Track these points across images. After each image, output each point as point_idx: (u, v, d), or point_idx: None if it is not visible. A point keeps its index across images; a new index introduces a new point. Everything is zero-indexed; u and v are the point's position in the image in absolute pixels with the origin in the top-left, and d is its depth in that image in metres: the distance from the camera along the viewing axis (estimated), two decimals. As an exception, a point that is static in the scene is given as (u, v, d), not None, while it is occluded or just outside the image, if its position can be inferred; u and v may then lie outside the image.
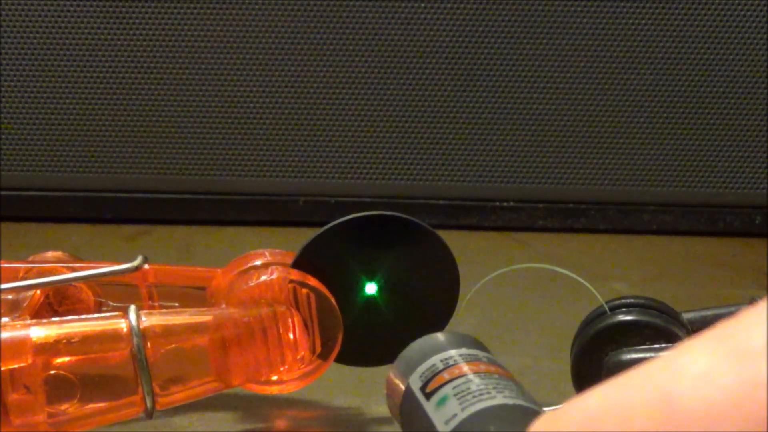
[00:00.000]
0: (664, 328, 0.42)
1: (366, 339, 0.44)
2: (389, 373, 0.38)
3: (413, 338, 0.42)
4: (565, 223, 0.70)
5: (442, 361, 0.35)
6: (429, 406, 0.34)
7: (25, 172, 0.69)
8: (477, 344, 0.37)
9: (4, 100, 0.68)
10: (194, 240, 0.68)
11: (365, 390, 0.47)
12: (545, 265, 0.46)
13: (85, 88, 0.69)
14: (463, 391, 0.33)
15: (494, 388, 0.33)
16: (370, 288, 0.43)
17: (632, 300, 0.43)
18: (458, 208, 0.70)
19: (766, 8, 0.67)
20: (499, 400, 0.32)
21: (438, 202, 0.70)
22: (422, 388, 0.35)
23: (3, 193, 0.69)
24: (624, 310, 0.43)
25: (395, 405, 0.37)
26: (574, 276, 0.44)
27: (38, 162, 0.69)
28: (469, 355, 0.36)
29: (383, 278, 0.43)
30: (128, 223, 0.70)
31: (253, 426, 0.44)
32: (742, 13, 0.67)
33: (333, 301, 0.42)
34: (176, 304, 0.44)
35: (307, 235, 0.44)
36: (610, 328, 0.42)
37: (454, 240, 0.69)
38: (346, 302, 0.42)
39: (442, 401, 0.33)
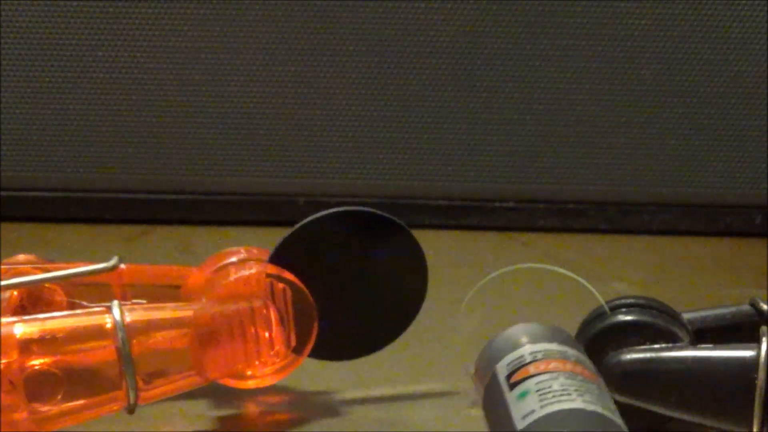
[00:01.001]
0: (664, 328, 0.42)
1: (339, 333, 0.44)
2: (481, 352, 0.38)
3: (384, 332, 0.45)
4: (565, 223, 0.70)
5: (530, 353, 0.36)
6: (510, 397, 0.34)
7: (25, 172, 0.69)
8: (569, 341, 0.37)
9: (4, 100, 0.68)
10: (194, 240, 0.68)
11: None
12: (545, 265, 0.46)
13: (85, 88, 0.69)
14: (544, 388, 0.33)
15: (576, 390, 0.33)
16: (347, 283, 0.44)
17: (632, 300, 0.43)
18: (458, 208, 0.70)
19: (766, 8, 0.67)
20: (578, 403, 0.32)
21: (438, 202, 0.70)
22: (507, 377, 0.35)
23: (3, 193, 0.69)
24: (624, 310, 0.43)
25: (481, 386, 0.37)
26: (574, 276, 0.44)
27: (38, 162, 0.69)
28: (558, 351, 0.36)
29: (356, 273, 0.44)
30: (128, 223, 0.70)
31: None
32: (742, 13, 0.67)
33: (309, 295, 0.42)
34: (144, 301, 0.44)
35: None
36: (610, 328, 0.42)
37: (454, 240, 0.69)
38: (321, 297, 0.43)
39: (523, 395, 0.34)
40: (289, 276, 0.42)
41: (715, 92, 0.68)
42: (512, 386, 0.35)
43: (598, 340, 0.42)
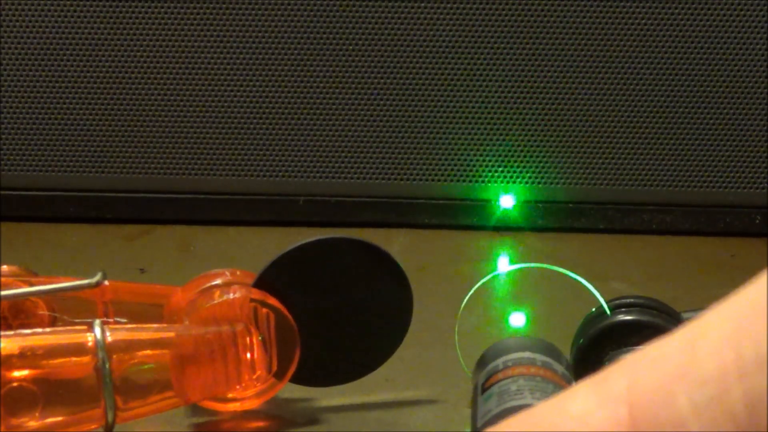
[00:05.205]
0: (664, 328, 0.42)
1: (322, 359, 0.45)
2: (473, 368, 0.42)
3: (367, 359, 0.45)
4: (565, 223, 0.70)
5: (503, 362, 0.39)
6: (480, 400, 0.38)
7: (25, 172, 0.69)
8: (544, 349, 0.40)
9: (4, 100, 0.68)
10: (194, 240, 0.68)
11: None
12: (545, 265, 0.46)
13: (85, 87, 0.69)
14: (504, 390, 0.37)
15: (530, 390, 0.36)
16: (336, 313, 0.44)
17: (632, 300, 0.44)
18: (458, 208, 0.70)
19: (766, 8, 0.67)
20: (527, 400, 0.35)
21: (438, 202, 0.70)
22: (483, 384, 0.39)
23: (3, 193, 0.69)
24: (624, 310, 0.43)
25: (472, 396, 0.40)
26: (574, 276, 0.44)
27: (38, 162, 0.69)
28: (526, 358, 0.39)
29: (340, 299, 0.44)
30: (128, 223, 0.70)
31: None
32: (742, 13, 0.67)
33: (292, 321, 0.43)
34: (124, 320, 0.44)
35: (308, 235, 0.44)
36: (610, 328, 0.42)
37: (454, 240, 0.69)
38: (304, 323, 0.43)
39: (488, 397, 0.37)
40: (272, 301, 0.43)
41: (715, 92, 0.68)
42: (483, 391, 0.38)
43: (598, 340, 0.42)
